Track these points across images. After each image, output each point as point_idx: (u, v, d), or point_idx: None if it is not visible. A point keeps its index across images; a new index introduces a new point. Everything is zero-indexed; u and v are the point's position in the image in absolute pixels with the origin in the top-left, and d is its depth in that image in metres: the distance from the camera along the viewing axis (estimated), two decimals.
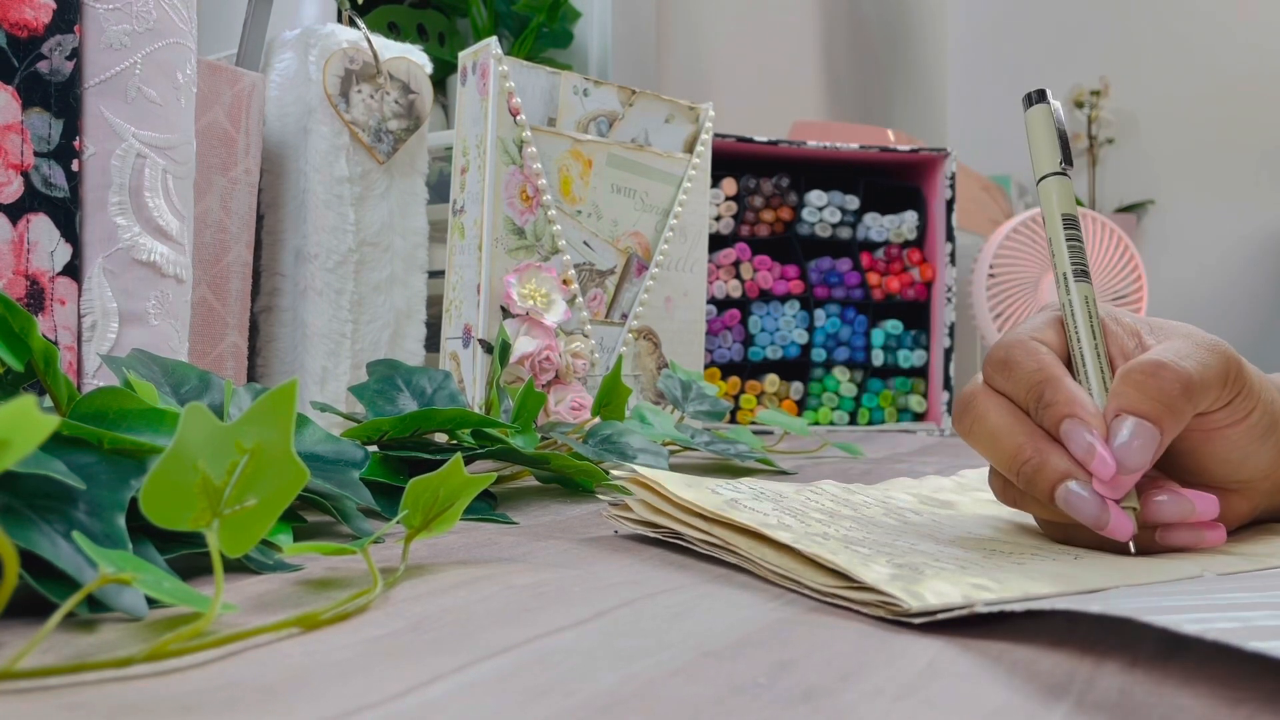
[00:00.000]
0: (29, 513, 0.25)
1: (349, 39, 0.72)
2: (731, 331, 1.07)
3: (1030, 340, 0.36)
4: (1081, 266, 0.37)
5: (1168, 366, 0.32)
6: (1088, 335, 0.36)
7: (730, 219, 1.09)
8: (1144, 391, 0.32)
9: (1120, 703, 0.21)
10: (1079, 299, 0.36)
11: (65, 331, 0.49)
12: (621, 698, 0.21)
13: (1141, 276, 1.27)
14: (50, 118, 0.48)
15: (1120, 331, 0.36)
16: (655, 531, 0.38)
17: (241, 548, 0.26)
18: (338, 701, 0.20)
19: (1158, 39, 2.77)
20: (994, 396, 0.35)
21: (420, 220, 0.77)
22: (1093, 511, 0.32)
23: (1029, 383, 0.34)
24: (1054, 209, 0.38)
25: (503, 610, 0.28)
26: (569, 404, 0.70)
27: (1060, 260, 0.38)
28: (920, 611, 0.26)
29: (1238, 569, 0.32)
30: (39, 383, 0.32)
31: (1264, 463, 0.35)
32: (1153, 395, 0.32)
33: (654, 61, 1.51)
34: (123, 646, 0.23)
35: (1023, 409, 0.35)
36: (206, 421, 0.24)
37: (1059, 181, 0.39)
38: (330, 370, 0.71)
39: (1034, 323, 0.37)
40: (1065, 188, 0.39)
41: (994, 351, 0.36)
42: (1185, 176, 2.75)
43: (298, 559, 0.34)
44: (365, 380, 0.51)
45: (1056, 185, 0.39)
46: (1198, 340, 0.34)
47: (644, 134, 0.79)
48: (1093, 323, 0.36)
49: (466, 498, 0.32)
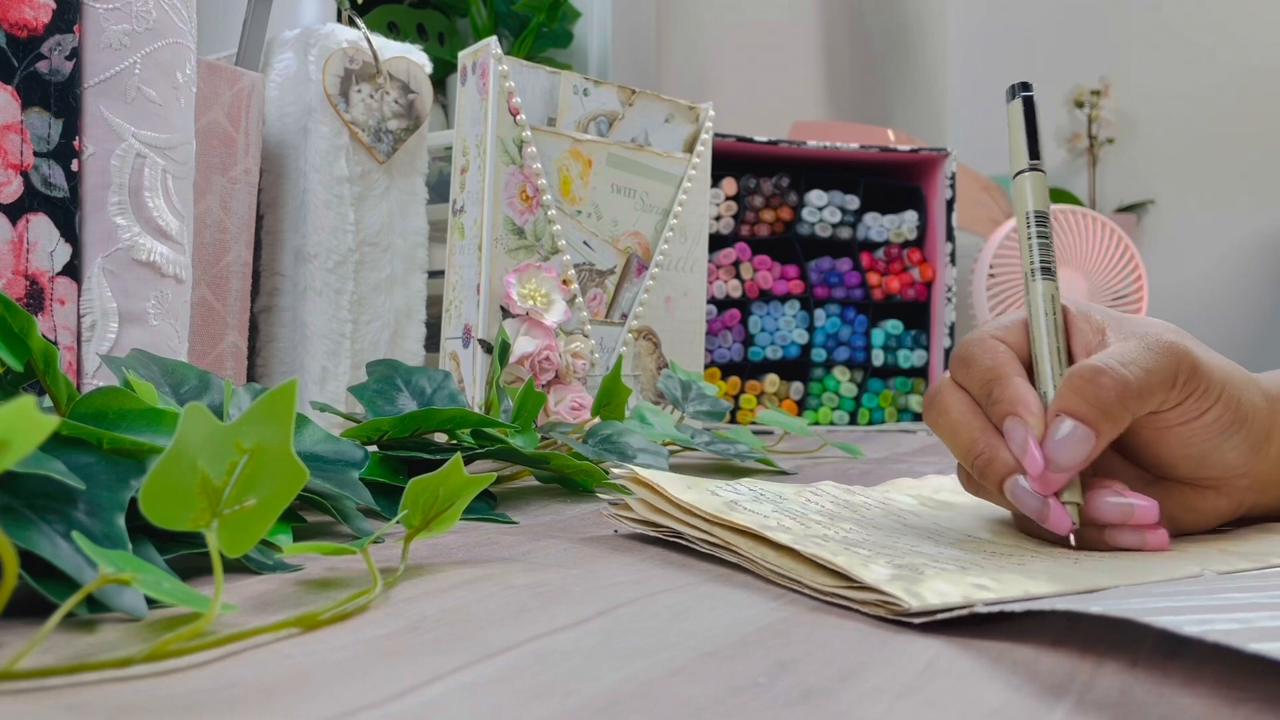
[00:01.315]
0: (29, 513, 0.25)
1: (349, 39, 0.72)
2: (731, 331, 1.07)
3: (989, 338, 0.37)
4: (1047, 264, 0.38)
5: (1106, 373, 0.33)
6: (1048, 332, 0.37)
7: (730, 219, 1.09)
8: (1082, 396, 0.33)
9: (1120, 703, 0.21)
10: (1042, 296, 0.37)
11: (65, 331, 0.49)
12: (621, 698, 0.21)
13: (1141, 276, 1.27)
14: (50, 118, 0.48)
15: (1087, 329, 0.37)
16: (655, 531, 0.38)
17: (241, 548, 0.26)
18: (338, 701, 0.20)
19: (1158, 39, 2.76)
20: (956, 391, 0.37)
21: (420, 220, 0.77)
22: (1035, 505, 0.34)
23: (982, 379, 0.36)
24: (1026, 205, 0.39)
25: (503, 610, 0.28)
26: (569, 404, 0.70)
27: (1027, 256, 0.38)
28: (920, 611, 0.26)
29: (1238, 568, 0.32)
30: (39, 383, 0.32)
31: (1232, 459, 0.36)
32: (1090, 400, 0.33)
33: (654, 61, 1.51)
34: (123, 646, 0.23)
35: (979, 404, 0.36)
36: (206, 421, 0.24)
37: (1034, 177, 0.39)
38: (330, 370, 0.71)
39: (1001, 320, 0.38)
40: (1039, 183, 0.39)
41: (957, 348, 0.38)
42: (1185, 176, 2.75)
43: (297, 559, 0.34)
44: (365, 380, 0.51)
45: (1031, 181, 0.39)
46: (1150, 342, 0.35)
47: (644, 134, 0.79)
48: (1054, 320, 0.37)
49: (466, 498, 0.32)
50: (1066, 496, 0.34)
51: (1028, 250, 0.38)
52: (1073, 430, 0.33)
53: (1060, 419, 0.34)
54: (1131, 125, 2.79)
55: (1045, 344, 0.37)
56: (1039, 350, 0.37)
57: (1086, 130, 2.76)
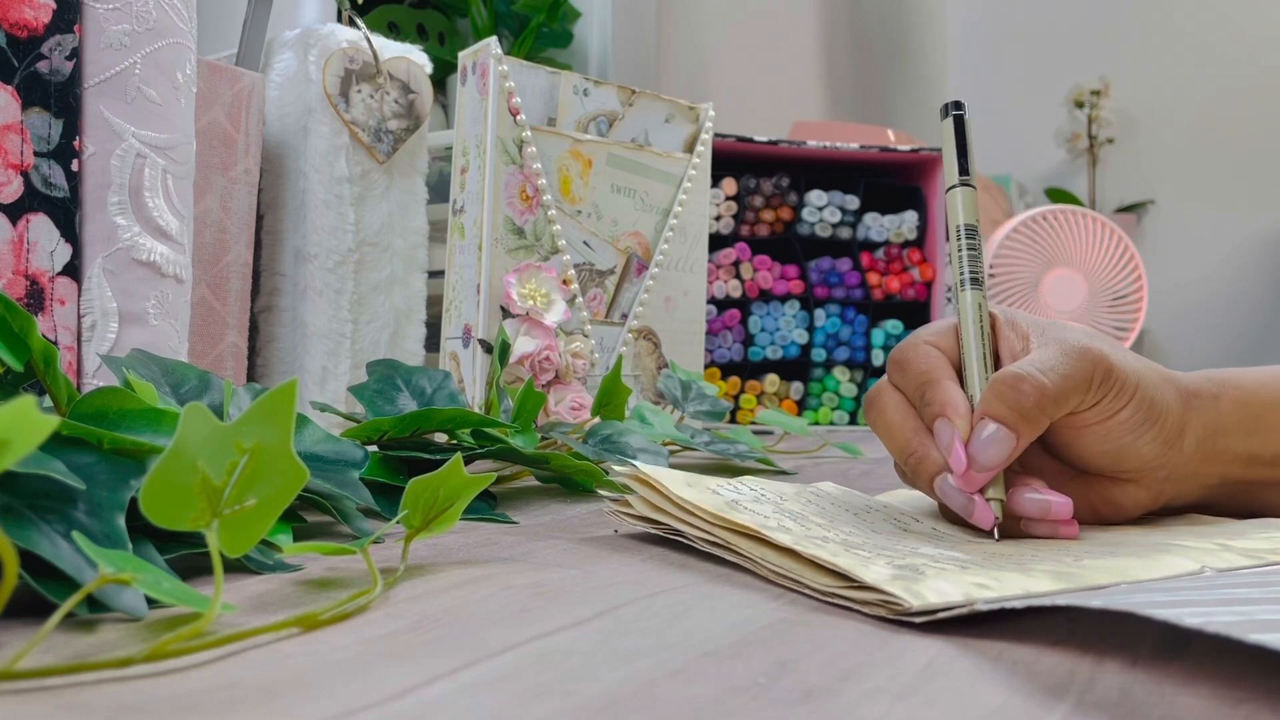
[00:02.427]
0: (29, 513, 0.25)
1: (349, 39, 0.72)
2: (731, 331, 1.07)
3: (923, 343, 0.40)
4: (975, 274, 0.41)
5: (1026, 379, 0.36)
6: (975, 339, 0.40)
7: (730, 219, 1.09)
8: (1004, 400, 0.36)
9: (1120, 703, 0.21)
10: (970, 305, 0.40)
11: (65, 331, 0.49)
12: (621, 698, 0.21)
13: (1141, 276, 1.27)
14: (50, 118, 0.48)
15: (1013, 335, 0.40)
16: (656, 529, 0.38)
17: (241, 548, 0.26)
18: (338, 701, 0.20)
19: (1158, 39, 2.76)
20: (893, 393, 0.40)
21: (420, 220, 0.77)
22: (961, 502, 0.37)
23: (916, 383, 0.39)
24: (957, 218, 0.42)
25: (503, 610, 0.28)
26: (569, 404, 0.70)
27: (957, 267, 0.41)
28: (921, 610, 0.26)
29: (1236, 565, 0.32)
30: (39, 383, 0.32)
31: (1146, 454, 0.38)
32: (1011, 404, 0.36)
33: (654, 61, 1.51)
34: (123, 646, 0.23)
35: (914, 405, 0.39)
36: (206, 421, 0.24)
37: (964, 192, 0.42)
38: (330, 370, 0.71)
39: (935, 326, 0.41)
40: (970, 198, 0.42)
41: (894, 352, 0.41)
42: (1185, 176, 2.75)
43: (297, 559, 0.34)
44: (365, 380, 0.51)
45: (962, 195, 0.42)
46: (1068, 349, 0.37)
47: (644, 134, 0.79)
48: (981, 327, 0.40)
49: (466, 498, 0.32)
50: (990, 493, 0.36)
51: (958, 261, 0.41)
52: (995, 432, 0.36)
53: (984, 422, 0.36)
54: (1131, 125, 2.79)
55: (973, 350, 0.39)
56: (967, 356, 0.39)
57: (1086, 130, 2.76)
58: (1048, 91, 2.84)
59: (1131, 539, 0.36)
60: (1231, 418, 0.40)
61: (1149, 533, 0.38)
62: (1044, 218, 1.25)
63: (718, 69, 1.73)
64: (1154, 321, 2.52)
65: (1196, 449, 0.39)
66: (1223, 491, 0.42)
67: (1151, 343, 2.62)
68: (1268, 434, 0.40)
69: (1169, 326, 2.62)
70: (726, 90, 1.72)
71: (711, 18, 1.73)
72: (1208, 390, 0.40)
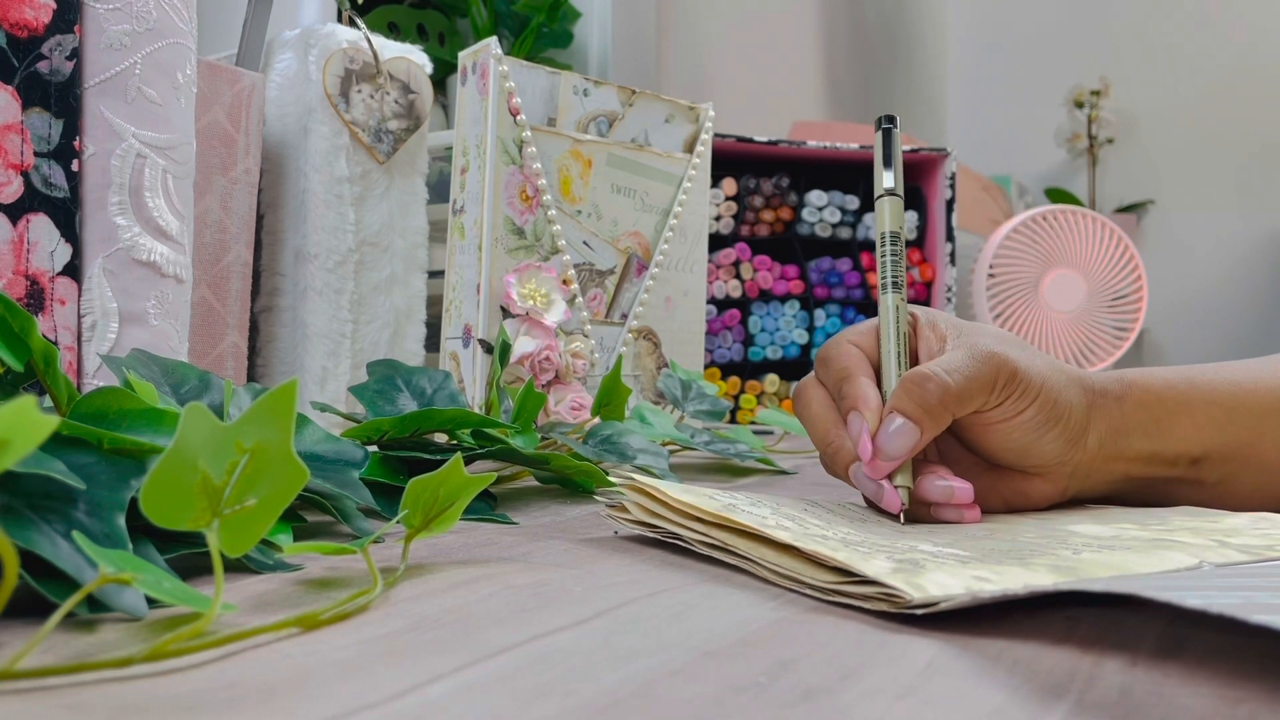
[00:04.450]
0: (29, 513, 0.25)
1: (349, 39, 0.72)
2: (731, 331, 1.07)
3: (846, 342, 0.43)
4: (897, 278, 0.44)
5: (932, 379, 0.39)
6: (893, 339, 0.42)
7: (730, 219, 1.09)
8: (911, 397, 0.39)
9: (1120, 702, 0.21)
10: (890, 306, 0.43)
11: (65, 331, 0.49)
12: (621, 698, 0.21)
13: (1141, 276, 1.27)
14: (50, 118, 0.48)
15: (931, 336, 0.43)
16: (654, 532, 0.38)
17: (241, 548, 0.26)
18: (338, 701, 0.20)
19: (1158, 39, 2.76)
20: (817, 387, 0.43)
21: (420, 220, 0.77)
22: (871, 488, 0.40)
23: (836, 378, 0.42)
24: (884, 225, 0.45)
25: (503, 610, 0.28)
26: (569, 404, 0.70)
27: (881, 271, 0.44)
28: (922, 603, 0.26)
29: (1234, 560, 0.32)
30: (39, 383, 0.32)
31: (1050, 451, 0.41)
32: (916, 401, 0.39)
33: (654, 61, 1.51)
34: (123, 646, 0.23)
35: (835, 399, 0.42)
36: (206, 421, 0.24)
37: (891, 201, 0.45)
38: (330, 370, 0.71)
39: (860, 326, 0.44)
40: (896, 207, 0.45)
41: (821, 349, 0.44)
42: (1185, 176, 2.75)
43: (298, 559, 0.34)
44: (365, 380, 0.51)
45: (888, 204, 0.45)
46: (975, 352, 0.40)
47: (644, 134, 0.79)
48: (899, 328, 0.43)
49: (466, 498, 0.32)
50: (899, 480, 0.40)
51: (882, 266, 0.44)
52: (901, 426, 0.39)
53: (892, 416, 0.39)
54: (1131, 125, 2.79)
55: (891, 349, 0.42)
56: (884, 354, 0.42)
57: (1086, 130, 2.76)
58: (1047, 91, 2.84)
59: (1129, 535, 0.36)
60: (1134, 418, 0.42)
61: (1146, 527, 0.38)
62: (1044, 218, 1.25)
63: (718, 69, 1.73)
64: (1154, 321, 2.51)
65: (1100, 448, 0.42)
66: (1128, 486, 0.44)
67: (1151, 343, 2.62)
68: (1168, 435, 0.43)
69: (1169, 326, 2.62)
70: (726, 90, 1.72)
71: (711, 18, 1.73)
72: (1114, 391, 0.43)
